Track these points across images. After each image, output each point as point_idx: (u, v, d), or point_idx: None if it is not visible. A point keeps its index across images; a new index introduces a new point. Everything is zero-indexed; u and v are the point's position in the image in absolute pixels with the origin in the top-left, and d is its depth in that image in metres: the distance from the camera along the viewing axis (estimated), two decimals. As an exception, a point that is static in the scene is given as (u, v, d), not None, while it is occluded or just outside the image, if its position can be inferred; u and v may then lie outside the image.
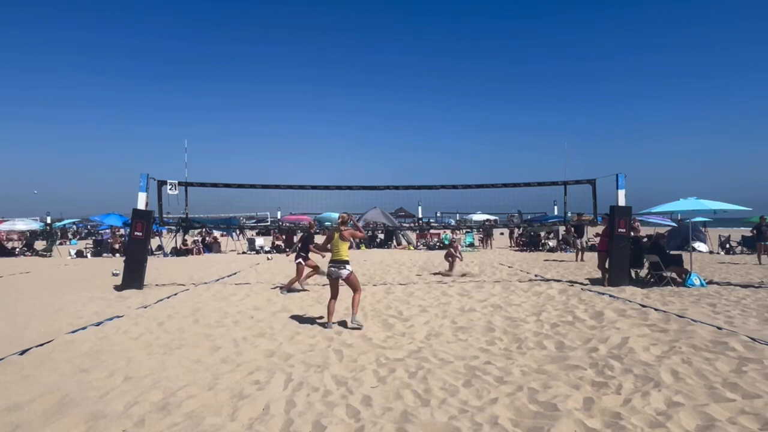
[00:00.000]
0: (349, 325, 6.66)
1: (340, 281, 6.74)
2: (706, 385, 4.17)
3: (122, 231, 24.29)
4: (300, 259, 10.03)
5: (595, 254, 19.27)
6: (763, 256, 15.98)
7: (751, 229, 19.54)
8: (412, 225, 30.32)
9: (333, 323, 6.75)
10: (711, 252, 21.75)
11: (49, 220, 32.88)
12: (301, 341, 5.96)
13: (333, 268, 6.64)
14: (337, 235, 6.74)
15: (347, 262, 6.64)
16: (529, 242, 25.10)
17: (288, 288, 10.01)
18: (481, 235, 27.64)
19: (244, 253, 24.73)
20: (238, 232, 29.49)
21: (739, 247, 22.25)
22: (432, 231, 27.15)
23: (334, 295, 6.82)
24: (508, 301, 8.52)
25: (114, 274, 12.92)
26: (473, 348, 5.61)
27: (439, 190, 12.08)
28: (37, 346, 5.56)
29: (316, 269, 10.28)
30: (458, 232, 27.03)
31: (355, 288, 6.73)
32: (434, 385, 4.31)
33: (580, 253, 18.05)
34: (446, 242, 26.55)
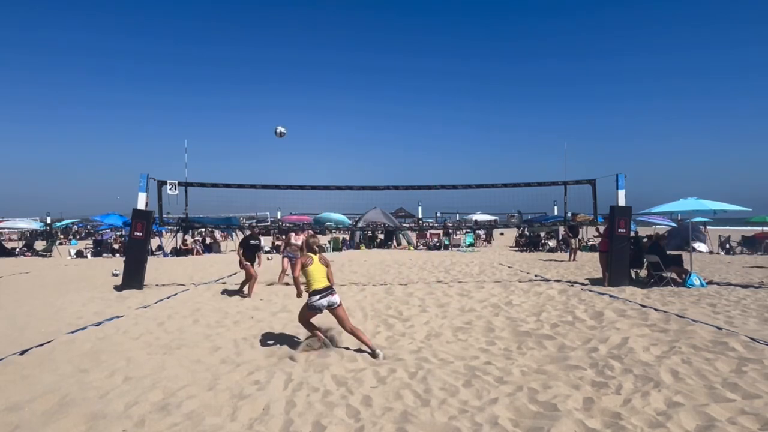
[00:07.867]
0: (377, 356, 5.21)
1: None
2: (706, 385, 4.17)
3: (123, 231, 24.28)
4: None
5: (589, 255, 19.65)
6: None
7: (762, 228, 19.50)
8: (412, 225, 30.27)
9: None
10: (711, 252, 21.76)
11: (49, 220, 32.80)
12: (300, 341, 5.95)
13: (323, 298, 5.29)
14: (316, 258, 5.49)
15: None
16: (529, 242, 25.11)
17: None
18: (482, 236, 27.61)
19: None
20: (237, 233, 29.43)
21: (739, 247, 22.24)
22: (432, 231, 27.11)
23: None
24: (508, 302, 8.52)
25: (114, 274, 12.92)
26: (473, 348, 5.62)
27: (439, 190, 12.06)
28: (37, 346, 5.56)
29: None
30: (459, 232, 27.00)
31: (343, 320, 5.40)
32: (434, 385, 4.31)
33: (573, 252, 18.11)
34: (446, 243, 26.48)
